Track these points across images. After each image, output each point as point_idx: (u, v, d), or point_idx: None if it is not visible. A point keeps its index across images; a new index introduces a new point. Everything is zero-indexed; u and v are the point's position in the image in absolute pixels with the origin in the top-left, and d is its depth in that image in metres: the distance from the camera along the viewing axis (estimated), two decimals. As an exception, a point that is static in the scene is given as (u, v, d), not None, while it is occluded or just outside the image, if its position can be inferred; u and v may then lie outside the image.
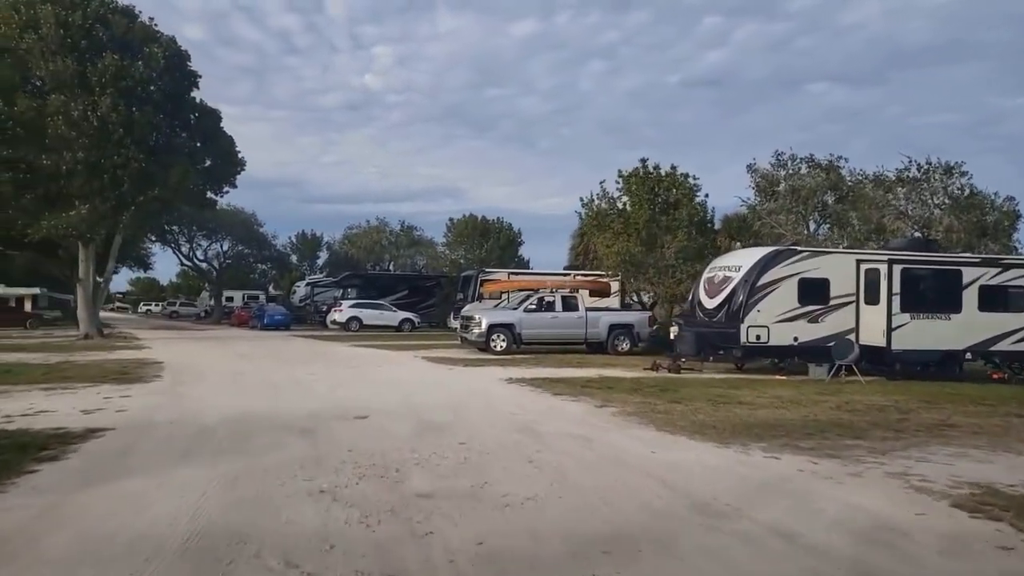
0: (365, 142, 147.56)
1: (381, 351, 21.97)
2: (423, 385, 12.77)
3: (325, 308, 44.61)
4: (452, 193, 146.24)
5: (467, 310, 35.71)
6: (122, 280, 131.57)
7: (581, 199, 24.96)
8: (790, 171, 27.30)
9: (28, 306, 41.95)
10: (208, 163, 28.33)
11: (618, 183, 23.41)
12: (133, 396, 10.71)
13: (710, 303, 16.56)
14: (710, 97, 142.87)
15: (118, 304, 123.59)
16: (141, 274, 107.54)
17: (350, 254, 60.10)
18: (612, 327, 21.44)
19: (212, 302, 59.14)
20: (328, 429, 8.14)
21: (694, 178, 23.17)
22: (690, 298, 17.99)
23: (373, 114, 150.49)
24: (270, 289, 71.03)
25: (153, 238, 50.45)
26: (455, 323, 38.62)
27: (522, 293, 32.84)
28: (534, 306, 21.15)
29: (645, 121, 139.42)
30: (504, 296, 37.56)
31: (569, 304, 21.53)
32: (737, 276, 16.05)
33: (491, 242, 46.27)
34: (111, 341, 25.16)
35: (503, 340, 20.47)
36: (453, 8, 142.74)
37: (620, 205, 24.24)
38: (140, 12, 24.98)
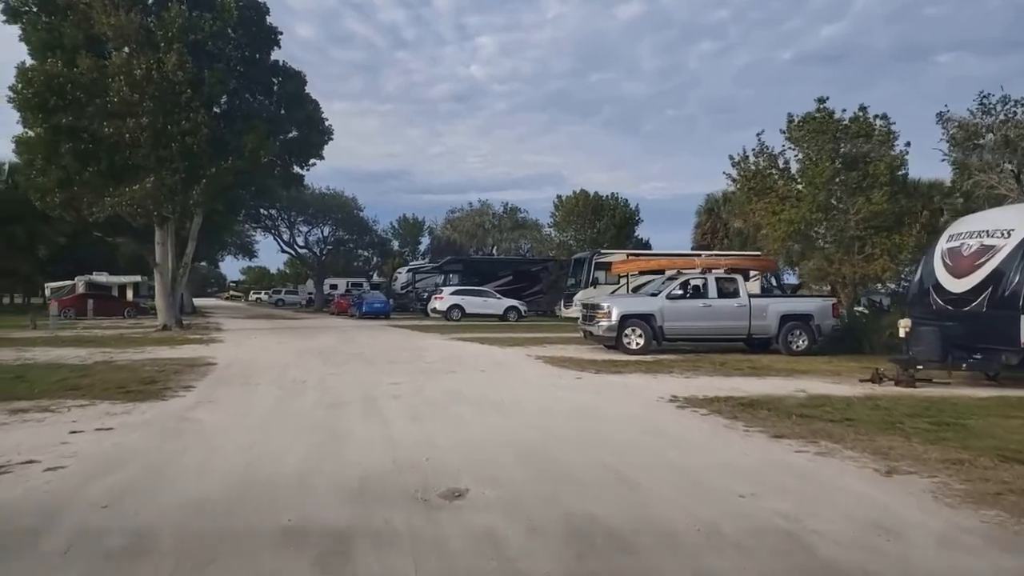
0: (470, 132, 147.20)
1: (485, 347, 17.94)
2: (550, 414, 8.49)
3: (426, 295, 41.56)
4: (554, 180, 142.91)
5: (587, 297, 31.30)
6: (234, 269, 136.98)
7: (731, 157, 19.91)
8: (1001, 118, 21.09)
9: (130, 295, 41.21)
10: (293, 134, 25.23)
11: (784, 132, 18.20)
12: (115, 429, 7.05)
13: (958, 285, 11.34)
14: (825, 74, 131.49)
15: (231, 292, 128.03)
16: (247, 263, 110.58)
17: (452, 239, 57.01)
18: (785, 319, 16.42)
19: (313, 290, 57.66)
20: (386, 536, 3.99)
21: (888, 121, 17.58)
22: (917, 279, 12.76)
23: (478, 104, 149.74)
24: (373, 276, 69.44)
25: (251, 224, 49.06)
26: (565, 311, 34.49)
27: (653, 277, 28.27)
28: (680, 291, 16.42)
29: (755, 101, 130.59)
30: (621, 280, 33.01)
31: (726, 289, 16.67)
32: (1008, 244, 10.77)
33: (604, 221, 41.47)
34: (187, 334, 22.53)
35: (640, 336, 15.92)
36: None
37: (782, 163, 19.05)
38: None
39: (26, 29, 20.00)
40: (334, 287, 57.46)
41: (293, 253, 54.11)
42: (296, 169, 26.14)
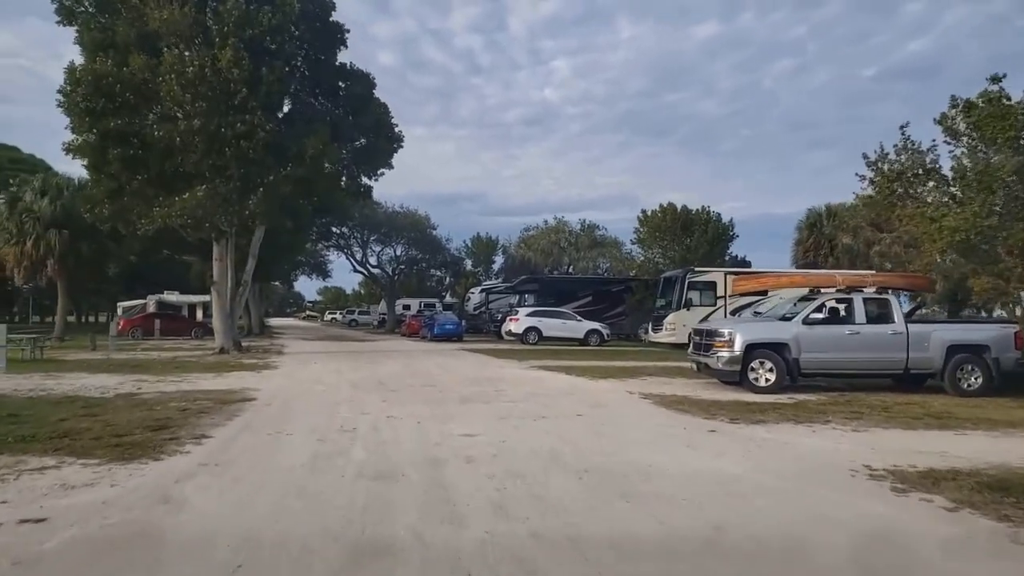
0: (543, 154, 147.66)
1: (573, 379, 15.16)
2: (705, 500, 5.66)
3: (500, 316, 39.11)
4: (628, 201, 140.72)
5: (678, 319, 28.43)
6: (311, 289, 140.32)
7: (865, 156, 16.63)
8: None
9: (200, 314, 40.38)
10: (360, 143, 23.29)
11: (948, 121, 14.77)
12: (45, 521, 4.64)
13: None
14: (909, 90, 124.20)
15: (308, 312, 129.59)
16: (323, 283, 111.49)
17: (527, 258, 54.56)
18: (953, 350, 12.97)
19: (385, 310, 56.22)
20: None
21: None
22: None
23: (551, 127, 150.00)
24: (446, 296, 67.78)
25: (323, 242, 47.98)
26: (654, 336, 31.31)
27: (758, 298, 24.96)
28: (819, 315, 13.20)
29: (835, 118, 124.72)
30: (719, 302, 29.63)
31: (876, 312, 13.37)
32: None
33: (695, 237, 38.06)
34: (243, 358, 20.64)
35: (770, 370, 12.78)
36: (633, 16, 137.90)
37: (929, 160, 15.61)
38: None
39: (80, 31, 18.74)
40: (407, 308, 55.92)
41: (365, 273, 52.83)
42: (364, 180, 24.17)
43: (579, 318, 32.27)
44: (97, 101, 17.54)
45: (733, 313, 28.83)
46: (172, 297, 40.25)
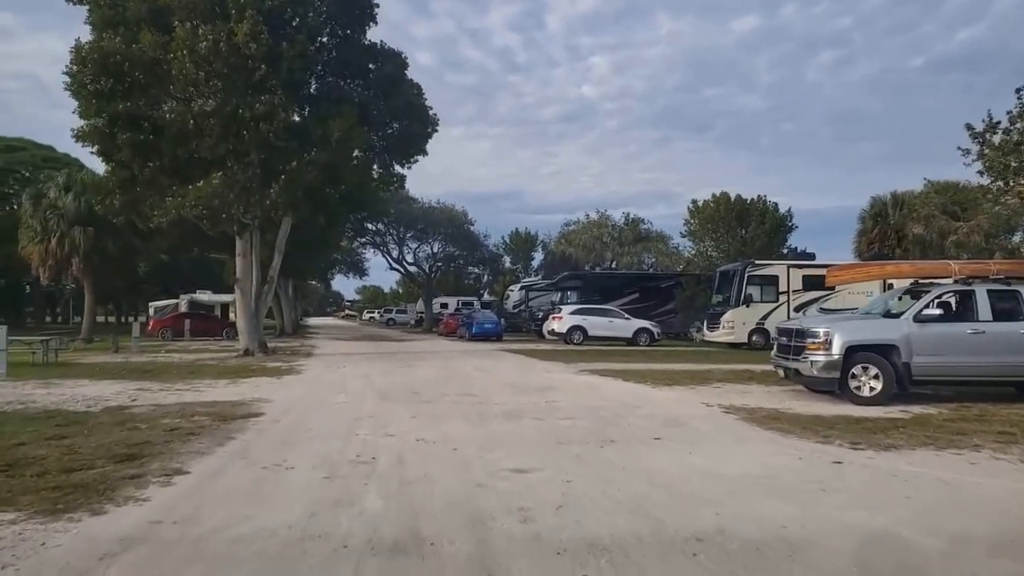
0: (581, 151, 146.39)
1: (633, 386, 13.15)
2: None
3: (541, 315, 37.18)
4: (667, 197, 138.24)
5: (734, 316, 26.29)
6: (350, 288, 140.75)
7: (969, 127, 14.29)
8: None
9: (232, 314, 39.26)
10: (393, 128, 21.56)
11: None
12: None
13: None
14: (959, 80, 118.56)
15: (346, 312, 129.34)
16: (360, 282, 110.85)
17: (567, 254, 52.45)
18: (1105, 352, 10.62)
19: (422, 309, 54.76)
20: None
21: None
22: None
23: (589, 123, 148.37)
24: (484, 294, 66.17)
25: (357, 239, 46.67)
26: (709, 334, 29.02)
27: (825, 293, 22.67)
28: (934, 311, 10.94)
29: (879, 111, 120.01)
30: (781, 297, 27.22)
31: (1002, 307, 11.08)
32: None
33: (752, 228, 35.53)
34: (267, 361, 19.10)
35: (875, 377, 10.61)
36: (672, 11, 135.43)
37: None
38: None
39: (91, 9, 17.34)
40: (444, 306, 54.41)
41: (401, 270, 51.44)
42: (397, 168, 22.43)
43: (627, 316, 30.13)
44: (105, 82, 16.12)
45: (797, 310, 26.45)
46: (204, 296, 39.19)
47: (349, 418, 9.11)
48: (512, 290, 49.03)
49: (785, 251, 35.35)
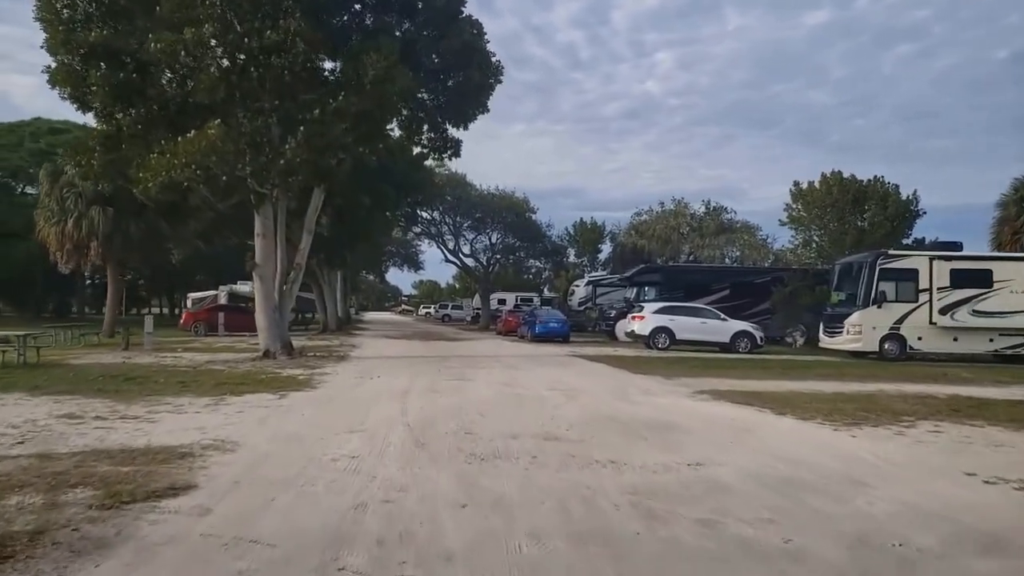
0: (643, 148, 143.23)
1: (807, 428, 8.63)
2: None
3: (613, 313, 32.64)
4: (732, 194, 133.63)
5: (859, 320, 21.53)
6: (407, 282, 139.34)
7: None
8: None
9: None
10: (446, 79, 17.41)
11: None
12: None
13: None
14: None
15: (403, 307, 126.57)
16: (416, 276, 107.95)
17: (638, 246, 47.58)
18: None
19: (479, 305, 50.75)
20: None
21: None
22: None
23: (652, 120, 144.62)
24: (544, 291, 61.86)
25: (408, 226, 42.92)
26: (828, 340, 23.93)
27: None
28: None
29: (959, 105, 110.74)
30: (921, 296, 22.00)
31: None
32: None
33: (871, 213, 30.04)
34: (287, 366, 15.20)
35: None
36: (740, 5, 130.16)
37: None
38: None
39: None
40: (502, 302, 50.36)
41: (458, 263, 47.42)
42: (450, 130, 18.19)
43: (723, 316, 25.30)
44: (80, 4, 12.45)
45: (944, 312, 21.20)
46: (245, 288, 35.94)
47: (346, 505, 4.87)
48: (577, 286, 44.54)
49: (910, 241, 29.80)
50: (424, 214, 43.20)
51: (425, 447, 6.81)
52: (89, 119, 14.49)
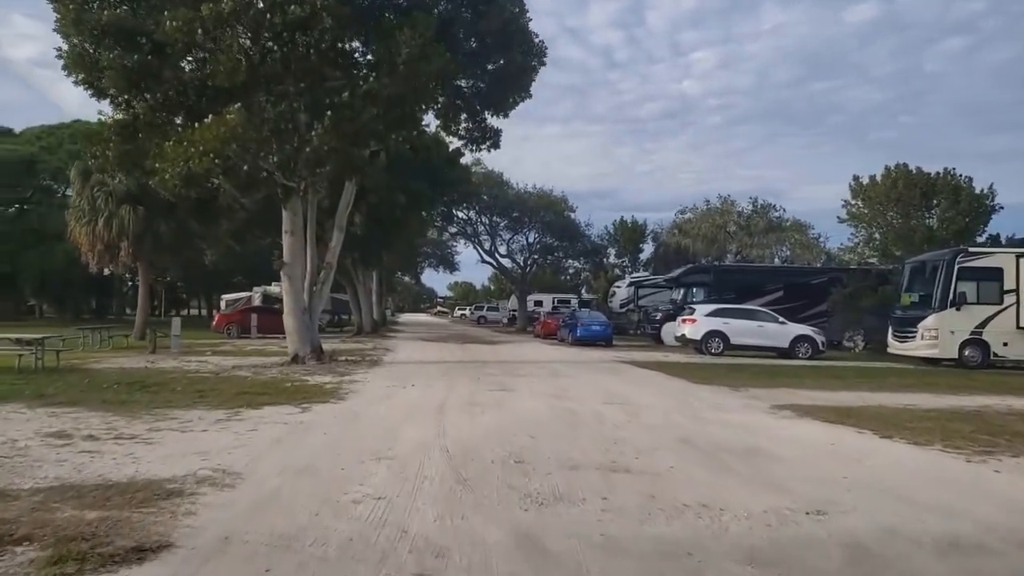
0: (681, 149, 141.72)
1: (927, 456, 7.14)
2: None
3: (659, 316, 31.03)
4: (771, 194, 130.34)
5: (935, 324, 19.85)
6: (441, 284, 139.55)
7: None
8: None
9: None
10: (486, 63, 16.14)
11: None
12: None
13: None
14: None
15: (439, 308, 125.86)
16: (451, 277, 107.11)
17: (682, 245, 45.80)
18: None
19: (515, 307, 49.46)
20: None
21: None
22: None
23: (689, 120, 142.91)
24: (582, 292, 60.38)
25: (444, 224, 41.83)
26: (898, 345, 22.01)
27: None
28: None
29: (1014, 100, 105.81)
30: (1006, 298, 20.03)
31: None
32: None
33: (941, 208, 27.92)
34: (315, 373, 14.05)
35: None
36: (781, 2, 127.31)
37: None
38: None
39: None
40: (538, 304, 49.00)
41: (494, 263, 46.15)
42: (488, 119, 16.89)
43: (781, 319, 23.58)
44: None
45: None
46: (278, 289, 35.23)
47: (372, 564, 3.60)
48: (618, 287, 42.96)
49: (985, 238, 27.59)
50: (460, 214, 42.10)
51: (468, 484, 5.49)
52: (106, 108, 13.40)
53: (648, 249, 52.17)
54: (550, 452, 6.73)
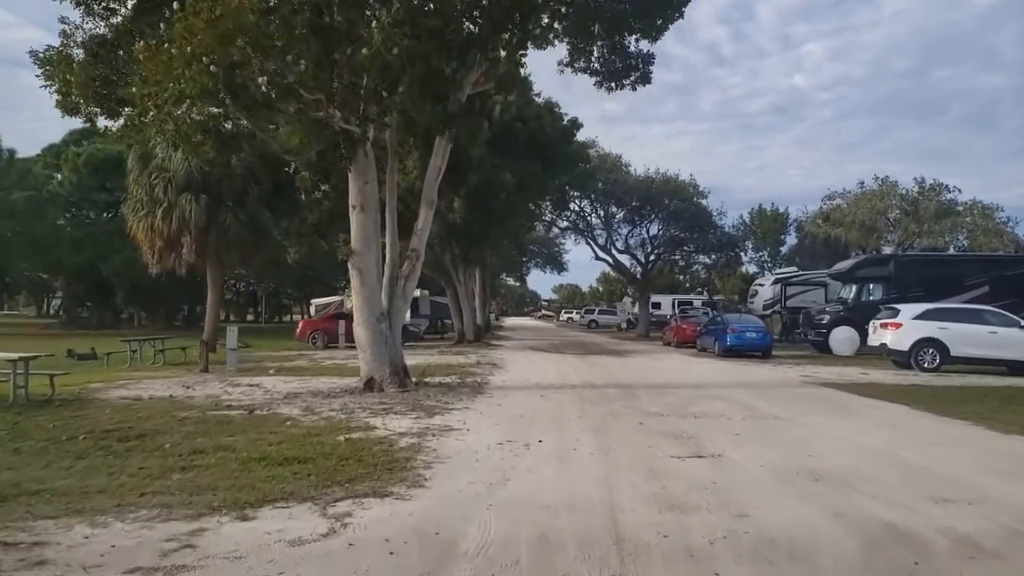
0: (790, 144, 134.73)
1: None
2: None
3: (825, 319, 24.98)
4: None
5: None
6: (545, 286, 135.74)
7: None
8: None
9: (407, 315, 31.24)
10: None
11: None
12: None
13: None
14: None
15: (543, 312, 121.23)
16: (558, 278, 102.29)
17: (831, 236, 39.01)
18: None
19: (636, 309, 43.97)
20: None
21: None
22: None
23: (799, 115, 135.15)
24: (704, 291, 54.11)
25: (554, 212, 36.99)
26: None
27: None
28: None
29: None
30: None
31: None
32: None
33: None
34: (388, 410, 9.49)
35: None
36: None
37: None
38: None
39: None
40: (656, 306, 43.39)
41: (610, 261, 40.87)
42: (631, 47, 11.86)
43: (1018, 321, 17.27)
44: None
45: None
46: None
47: None
48: (760, 284, 36.75)
49: None
50: (573, 205, 37.22)
51: None
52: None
53: (790, 241, 45.27)
54: None
